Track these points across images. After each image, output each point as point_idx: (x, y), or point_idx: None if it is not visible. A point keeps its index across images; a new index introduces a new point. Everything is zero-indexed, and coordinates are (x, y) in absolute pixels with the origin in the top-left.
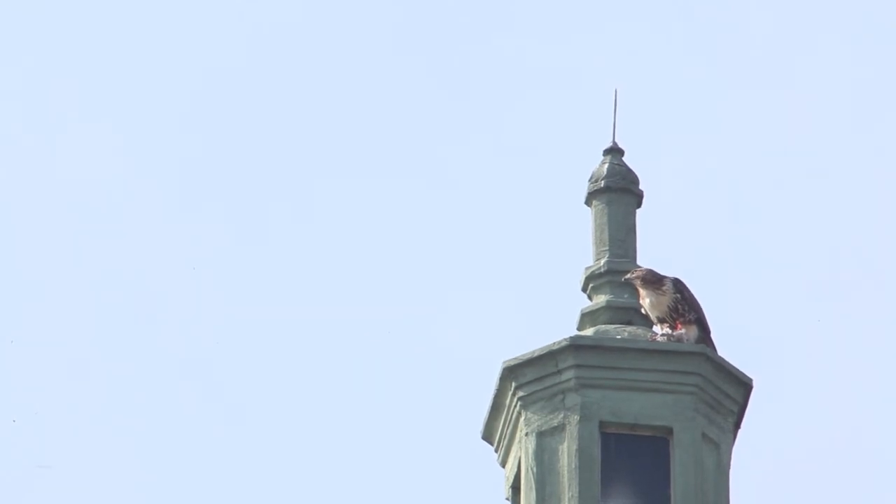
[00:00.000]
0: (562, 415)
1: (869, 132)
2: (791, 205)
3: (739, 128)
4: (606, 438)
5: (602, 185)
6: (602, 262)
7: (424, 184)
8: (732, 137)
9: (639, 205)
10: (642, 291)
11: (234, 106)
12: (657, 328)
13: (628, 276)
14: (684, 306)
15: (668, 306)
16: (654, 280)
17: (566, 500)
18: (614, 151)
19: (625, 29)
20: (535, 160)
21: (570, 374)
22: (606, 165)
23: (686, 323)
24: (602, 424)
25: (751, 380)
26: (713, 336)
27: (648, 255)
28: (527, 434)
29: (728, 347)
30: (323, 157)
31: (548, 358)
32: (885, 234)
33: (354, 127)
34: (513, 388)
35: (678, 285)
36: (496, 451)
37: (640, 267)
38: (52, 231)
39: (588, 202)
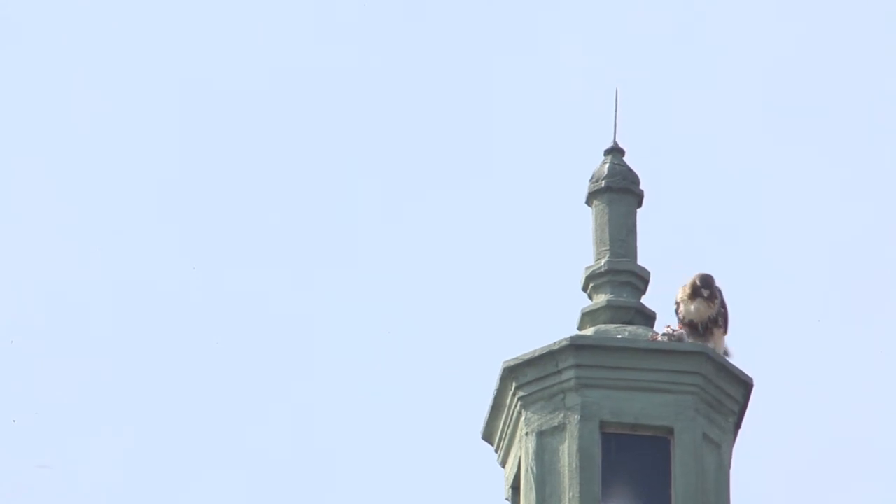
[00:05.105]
0: (562, 415)
1: (869, 134)
2: (791, 205)
3: (740, 128)
4: (607, 438)
5: (603, 185)
6: (602, 261)
7: (424, 183)
8: (733, 137)
9: (639, 204)
10: (695, 297)
11: (235, 106)
12: (672, 327)
13: (701, 287)
14: (723, 319)
15: (710, 317)
16: (712, 293)
17: (566, 500)
18: (615, 151)
19: (625, 29)
20: (536, 160)
21: (570, 373)
22: (607, 165)
23: (717, 328)
24: (602, 424)
25: (751, 379)
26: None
27: (648, 255)
28: (527, 434)
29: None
30: (323, 156)
31: (548, 358)
32: (885, 234)
33: (354, 127)
34: (513, 388)
35: (722, 296)
36: (496, 451)
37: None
38: (51, 230)
39: (589, 202)
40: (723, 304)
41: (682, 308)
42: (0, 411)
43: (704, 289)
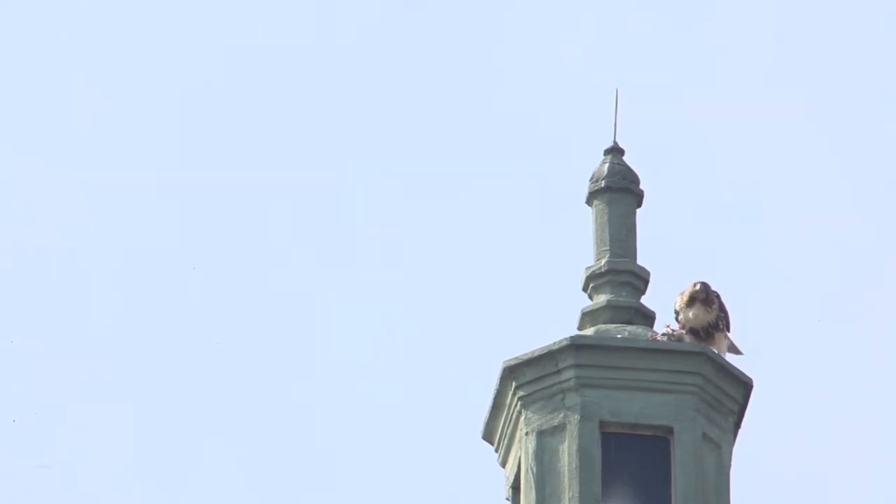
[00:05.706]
0: (562, 414)
1: (869, 134)
2: (791, 205)
3: (740, 128)
4: (607, 438)
5: (603, 185)
6: (602, 261)
7: (424, 183)
8: (733, 137)
9: (639, 204)
10: (693, 304)
11: (235, 105)
12: (672, 327)
13: (697, 293)
14: (723, 322)
15: (710, 322)
16: (708, 298)
17: (566, 499)
18: (615, 151)
19: (625, 29)
20: (536, 160)
21: (570, 373)
22: (607, 165)
23: (718, 332)
24: (602, 424)
25: (751, 379)
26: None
27: (648, 255)
28: (527, 434)
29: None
30: (323, 156)
31: (548, 358)
32: (886, 235)
33: (354, 127)
34: (513, 388)
35: (720, 300)
36: (496, 450)
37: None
38: (51, 229)
39: (589, 202)
40: (721, 308)
41: (681, 316)
42: (0, 411)
43: (701, 294)
